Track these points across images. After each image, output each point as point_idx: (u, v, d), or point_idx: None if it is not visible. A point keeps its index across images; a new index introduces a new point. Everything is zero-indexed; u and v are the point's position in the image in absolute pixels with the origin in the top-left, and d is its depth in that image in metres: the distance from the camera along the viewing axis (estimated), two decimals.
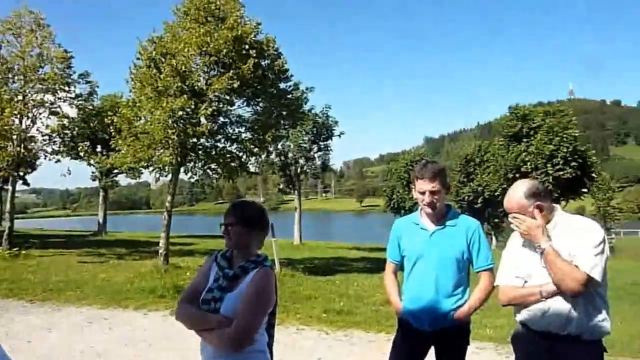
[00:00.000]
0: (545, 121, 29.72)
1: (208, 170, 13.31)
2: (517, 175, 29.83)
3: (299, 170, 27.96)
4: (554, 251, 2.44)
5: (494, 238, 38.29)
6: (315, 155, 27.80)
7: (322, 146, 27.68)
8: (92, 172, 29.28)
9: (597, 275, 2.37)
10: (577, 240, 2.46)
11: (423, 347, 3.04)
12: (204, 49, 11.71)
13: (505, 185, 29.05)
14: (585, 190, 31.48)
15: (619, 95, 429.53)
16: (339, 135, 27.65)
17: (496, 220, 38.48)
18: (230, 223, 2.34)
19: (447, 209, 3.08)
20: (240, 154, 13.29)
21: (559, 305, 2.45)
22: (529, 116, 30.69)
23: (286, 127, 14.57)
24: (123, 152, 12.45)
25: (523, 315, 2.59)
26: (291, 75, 13.46)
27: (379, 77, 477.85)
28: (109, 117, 12.80)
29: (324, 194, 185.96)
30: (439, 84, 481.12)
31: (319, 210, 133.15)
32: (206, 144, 12.76)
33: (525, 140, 30.24)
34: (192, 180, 13.85)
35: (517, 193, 2.60)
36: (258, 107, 13.12)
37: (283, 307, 7.33)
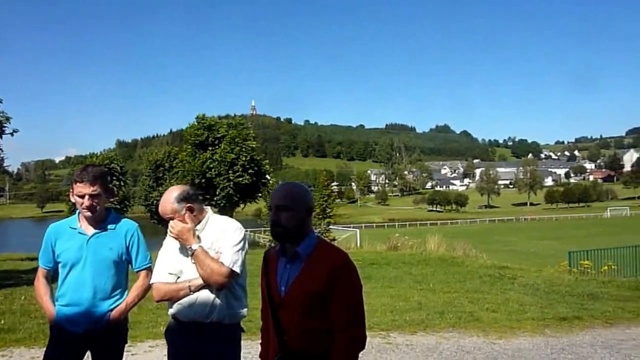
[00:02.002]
0: (229, 132, 32.22)
1: None
2: (203, 180, 31.62)
3: None
4: (202, 251, 2.69)
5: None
6: None
7: None
8: None
9: (238, 269, 2.70)
10: (223, 239, 2.75)
11: (78, 352, 2.99)
12: None
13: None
14: (260, 194, 35.47)
15: (290, 114, 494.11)
16: (12, 134, 24.10)
17: None
18: None
19: (107, 213, 3.11)
20: None
21: (205, 296, 2.69)
22: (214, 126, 32.78)
23: None
24: None
25: (174, 308, 2.75)
26: None
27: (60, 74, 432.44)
28: None
29: None
30: (136, 89, 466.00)
31: None
32: None
33: (210, 148, 32.16)
34: None
35: (170, 199, 2.77)
36: None
37: None
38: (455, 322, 7.19)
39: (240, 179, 31.06)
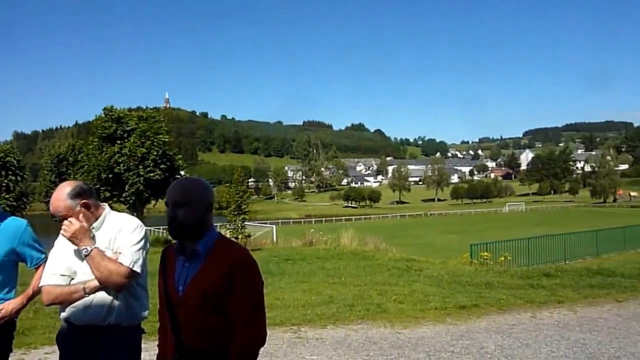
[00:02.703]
0: (139, 125, 30.61)
1: None
2: (111, 175, 30.02)
3: None
4: (98, 252, 2.54)
5: None
6: None
7: None
8: None
9: (138, 269, 2.57)
10: (122, 237, 2.61)
11: None
12: None
13: (98, 186, 28.81)
14: None
15: (206, 108, 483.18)
16: None
17: None
18: None
19: None
20: None
21: (101, 298, 2.54)
22: (123, 119, 31.00)
23: None
24: None
25: (67, 312, 2.58)
26: None
27: None
28: None
29: None
30: (37, 78, 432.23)
31: None
32: None
33: (119, 142, 30.45)
34: None
35: (62, 195, 2.60)
36: None
37: None
38: (364, 314, 7.41)
39: (152, 174, 29.68)
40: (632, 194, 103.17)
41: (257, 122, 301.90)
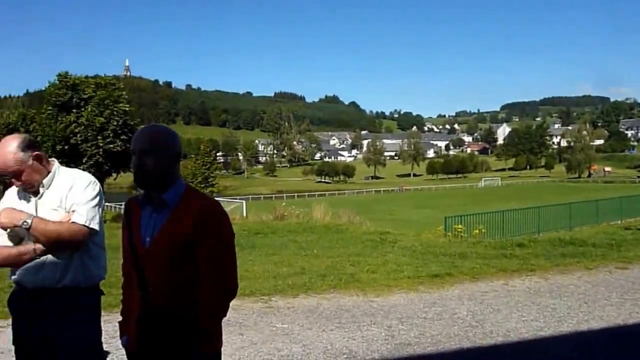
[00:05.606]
0: (97, 93, 29.26)
1: None
2: (67, 147, 28.49)
3: None
4: (40, 220, 2.38)
5: None
6: None
7: None
8: None
9: (95, 226, 2.43)
10: (75, 194, 2.46)
11: None
12: None
13: (53, 158, 27.70)
14: None
15: (170, 77, 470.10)
16: None
17: None
18: None
19: None
20: None
21: (55, 259, 2.41)
22: (79, 86, 29.56)
23: None
24: None
25: (18, 275, 2.45)
26: None
27: None
28: None
29: None
30: None
31: None
32: None
33: (75, 110, 29.05)
34: None
35: (11, 148, 2.40)
36: None
37: None
38: (336, 283, 7.31)
39: (111, 145, 28.33)
40: (607, 169, 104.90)
41: (225, 92, 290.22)
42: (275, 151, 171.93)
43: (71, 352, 2.42)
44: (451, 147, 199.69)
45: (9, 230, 2.42)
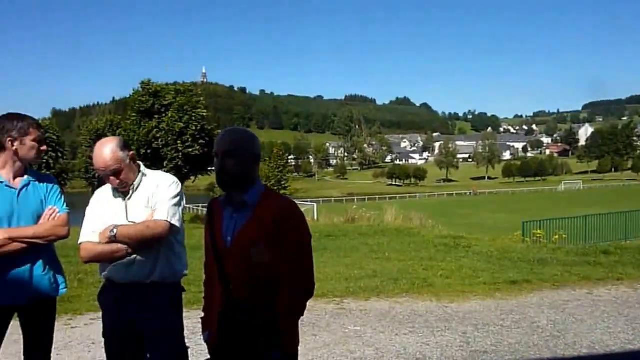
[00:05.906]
0: (176, 99, 30.43)
1: None
2: (149, 151, 29.86)
3: None
4: (122, 227, 2.54)
5: None
6: None
7: None
8: None
9: (176, 222, 2.58)
10: (159, 193, 2.62)
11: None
12: None
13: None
14: (212, 166, 34.21)
15: (244, 83, 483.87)
16: None
17: None
18: None
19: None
20: None
21: (144, 256, 2.56)
22: (160, 93, 30.88)
23: None
24: None
25: (109, 271, 2.60)
26: None
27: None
28: None
29: None
30: (74, 56, 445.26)
31: None
32: None
33: (157, 116, 30.36)
34: None
35: (112, 147, 2.57)
36: None
37: None
38: (409, 287, 7.22)
39: (190, 149, 29.53)
40: None
41: (297, 96, 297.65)
42: (346, 154, 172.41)
43: (159, 343, 2.59)
44: (529, 149, 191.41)
45: None
